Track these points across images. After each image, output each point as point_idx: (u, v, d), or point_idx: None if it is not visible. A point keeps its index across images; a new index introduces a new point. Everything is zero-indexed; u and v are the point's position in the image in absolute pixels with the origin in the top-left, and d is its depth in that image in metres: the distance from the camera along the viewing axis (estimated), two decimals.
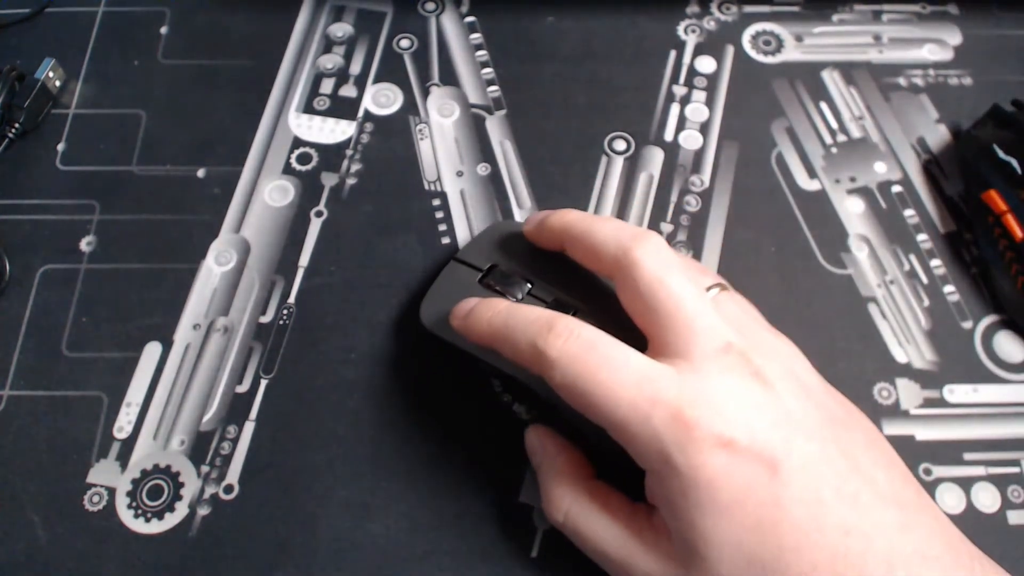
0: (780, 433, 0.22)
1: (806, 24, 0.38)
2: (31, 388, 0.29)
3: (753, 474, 0.21)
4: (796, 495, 0.21)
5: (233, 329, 0.30)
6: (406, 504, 0.27)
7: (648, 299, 0.24)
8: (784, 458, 0.21)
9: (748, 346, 0.23)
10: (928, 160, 0.35)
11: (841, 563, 0.20)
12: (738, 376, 0.22)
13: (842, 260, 0.32)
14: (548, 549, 0.27)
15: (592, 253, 0.26)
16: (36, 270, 0.31)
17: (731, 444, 0.21)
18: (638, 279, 0.24)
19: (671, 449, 0.21)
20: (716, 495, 0.21)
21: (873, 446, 0.23)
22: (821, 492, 0.21)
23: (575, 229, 0.26)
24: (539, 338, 0.23)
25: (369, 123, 0.35)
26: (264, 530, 0.27)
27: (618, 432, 0.22)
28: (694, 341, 0.23)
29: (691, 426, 0.21)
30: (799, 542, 0.21)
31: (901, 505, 0.22)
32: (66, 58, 0.36)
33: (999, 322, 0.31)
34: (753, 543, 0.21)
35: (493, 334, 0.25)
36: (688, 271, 0.24)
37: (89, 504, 0.27)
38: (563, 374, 0.23)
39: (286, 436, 0.28)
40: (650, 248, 0.24)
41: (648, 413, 0.22)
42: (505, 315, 0.25)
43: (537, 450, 0.27)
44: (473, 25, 0.38)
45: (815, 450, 0.22)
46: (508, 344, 0.24)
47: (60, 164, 0.34)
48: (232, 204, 0.33)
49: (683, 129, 0.35)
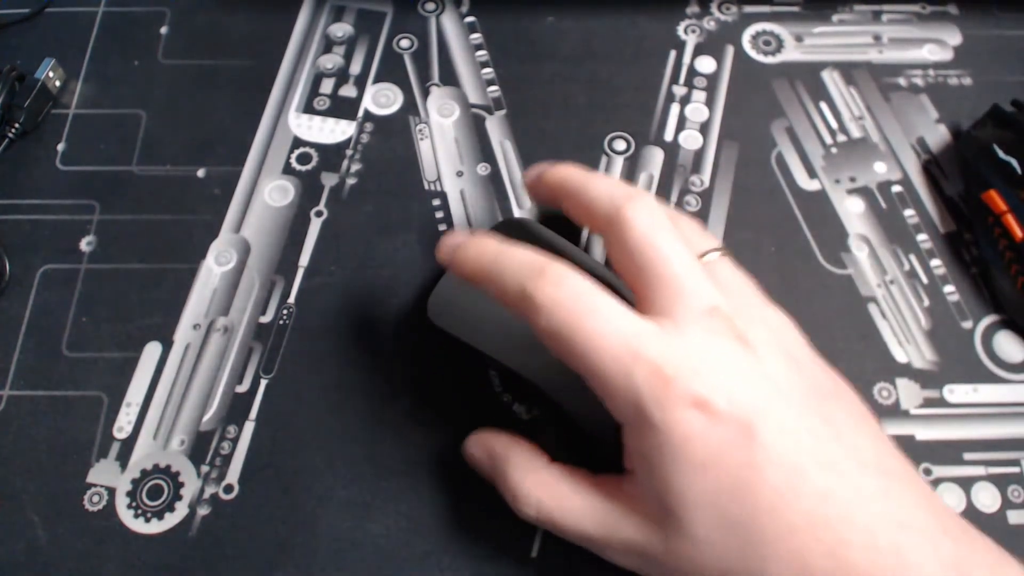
0: (759, 397, 0.22)
1: (806, 24, 0.38)
2: (31, 388, 0.29)
3: (728, 436, 0.21)
4: (773, 458, 0.21)
5: (233, 329, 0.30)
6: (406, 504, 0.27)
7: (637, 257, 0.24)
8: (761, 422, 0.21)
9: (735, 311, 0.23)
10: (928, 160, 0.35)
11: (821, 528, 0.20)
12: (721, 338, 0.22)
13: (842, 260, 0.32)
14: (548, 549, 0.27)
15: (585, 209, 0.26)
16: (36, 270, 0.31)
17: (707, 404, 0.21)
18: (628, 237, 0.24)
19: (648, 404, 0.21)
20: (690, 453, 0.21)
21: (858, 417, 0.23)
22: (799, 457, 0.21)
23: (570, 184, 0.26)
24: (528, 281, 0.23)
25: (369, 123, 0.35)
26: (264, 530, 0.27)
27: (598, 384, 0.22)
28: (680, 301, 0.23)
29: (669, 382, 0.21)
30: (774, 504, 0.21)
31: (884, 473, 0.22)
32: (66, 58, 0.36)
33: (999, 322, 0.31)
34: (728, 502, 0.21)
35: (481, 270, 0.24)
36: (684, 232, 0.24)
37: (89, 504, 0.27)
38: (548, 320, 0.22)
39: (286, 436, 0.28)
40: (642, 207, 0.24)
41: (629, 366, 0.22)
42: (496, 252, 0.24)
43: (483, 457, 0.26)
44: (473, 25, 0.38)
45: (794, 416, 0.22)
46: (496, 283, 0.24)
47: (60, 164, 0.34)
48: (232, 204, 0.33)
49: (683, 129, 0.35)
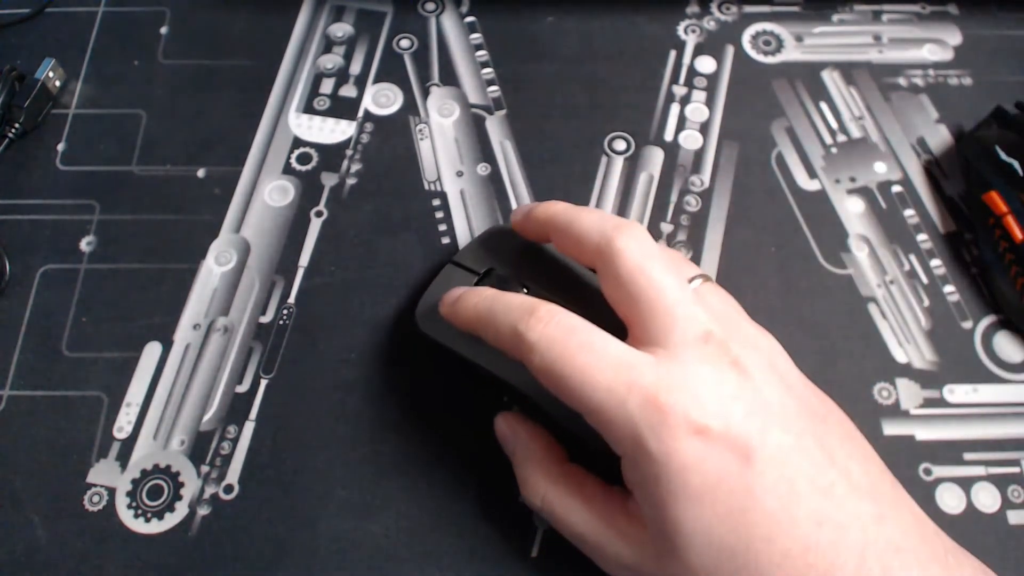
0: (755, 422, 0.22)
1: (806, 24, 0.38)
2: (31, 388, 0.29)
3: (726, 462, 0.21)
4: (769, 484, 0.21)
5: (233, 329, 0.30)
6: (406, 504, 0.27)
7: (629, 287, 0.24)
8: (758, 447, 0.21)
9: (728, 336, 0.23)
10: (928, 160, 0.35)
11: (813, 553, 0.20)
12: (716, 365, 0.22)
13: (842, 260, 0.32)
14: (548, 549, 0.27)
15: (576, 242, 0.26)
16: (36, 270, 0.31)
17: (705, 431, 0.21)
18: (620, 268, 0.24)
19: (645, 434, 0.21)
20: (688, 481, 0.21)
21: (849, 440, 0.23)
22: (795, 482, 0.21)
23: (559, 219, 0.26)
24: (520, 322, 0.23)
25: (369, 123, 0.35)
26: (264, 530, 0.27)
27: (594, 417, 0.22)
28: (673, 329, 0.23)
29: (666, 411, 0.21)
30: (771, 531, 0.21)
31: (876, 498, 0.22)
32: (66, 58, 0.36)
33: (999, 322, 0.31)
34: (724, 531, 0.21)
35: (477, 319, 0.25)
36: (670, 262, 0.24)
37: (89, 504, 0.27)
38: (542, 358, 0.23)
39: (286, 436, 0.28)
40: (632, 238, 0.24)
41: (624, 398, 0.22)
42: (490, 300, 0.25)
43: (509, 437, 0.27)
44: (473, 25, 0.38)
45: (790, 440, 0.22)
46: (491, 328, 0.25)
47: (60, 164, 0.34)
48: (232, 204, 0.33)
49: (683, 129, 0.35)
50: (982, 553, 0.23)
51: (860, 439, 0.24)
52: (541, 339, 0.23)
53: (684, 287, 0.24)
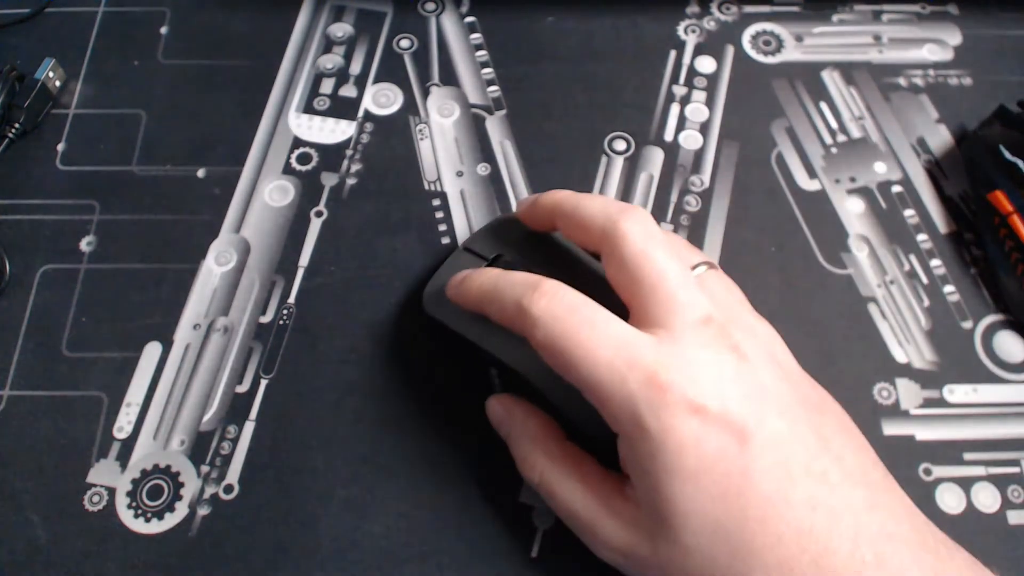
0: (753, 405, 0.22)
1: (806, 24, 0.38)
2: (31, 388, 0.29)
3: (722, 443, 0.21)
4: (765, 467, 0.21)
5: (233, 329, 0.30)
6: (406, 504, 0.27)
7: (632, 271, 0.24)
8: (755, 430, 0.21)
9: (728, 321, 0.24)
10: (928, 160, 0.35)
11: (807, 537, 0.21)
12: (716, 348, 0.23)
13: (842, 260, 0.32)
14: (548, 549, 0.27)
15: (581, 227, 0.26)
16: (36, 270, 0.31)
17: (703, 411, 0.21)
18: (623, 251, 0.24)
19: (643, 411, 0.21)
20: (684, 460, 0.21)
21: (844, 430, 0.24)
22: (790, 466, 0.21)
23: (565, 205, 0.27)
24: (524, 297, 0.24)
25: (369, 123, 0.35)
26: (264, 530, 0.27)
27: (593, 393, 0.23)
28: (675, 312, 0.23)
29: (664, 390, 0.21)
30: (765, 513, 0.21)
31: (869, 485, 0.22)
32: (66, 58, 0.36)
33: (999, 322, 0.31)
34: (719, 511, 0.21)
35: (482, 295, 0.26)
36: (674, 247, 0.25)
37: (89, 504, 0.27)
38: (544, 332, 0.23)
39: (286, 436, 0.28)
40: (636, 222, 0.24)
41: (624, 375, 0.22)
42: (496, 278, 0.25)
43: (504, 418, 0.27)
44: (473, 25, 0.38)
45: (786, 426, 0.22)
46: (495, 304, 0.25)
47: (60, 164, 0.34)
48: (232, 204, 0.33)
49: (683, 129, 0.35)
50: (982, 553, 0.23)
51: (854, 430, 0.24)
52: (544, 314, 0.23)
53: (686, 272, 0.24)
